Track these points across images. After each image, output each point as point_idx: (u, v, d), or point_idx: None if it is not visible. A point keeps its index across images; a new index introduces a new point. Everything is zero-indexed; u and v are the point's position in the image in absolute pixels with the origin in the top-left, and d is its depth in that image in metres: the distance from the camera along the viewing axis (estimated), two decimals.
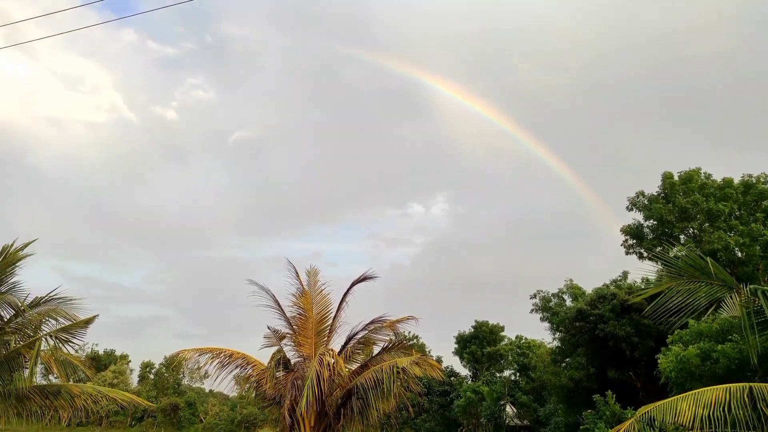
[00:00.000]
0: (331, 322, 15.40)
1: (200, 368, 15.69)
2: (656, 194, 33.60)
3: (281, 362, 14.43)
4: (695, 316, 12.12)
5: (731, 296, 9.15)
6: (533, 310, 40.97)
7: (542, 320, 39.97)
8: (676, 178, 33.17)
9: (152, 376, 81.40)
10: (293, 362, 14.84)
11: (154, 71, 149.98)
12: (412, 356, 13.96)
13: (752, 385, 8.45)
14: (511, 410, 46.09)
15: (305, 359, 14.61)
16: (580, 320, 31.76)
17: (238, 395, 58.06)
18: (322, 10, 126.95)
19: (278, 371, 14.36)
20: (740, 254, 30.22)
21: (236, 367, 14.50)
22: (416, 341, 55.52)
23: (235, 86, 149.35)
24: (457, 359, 56.11)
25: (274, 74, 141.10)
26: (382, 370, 12.90)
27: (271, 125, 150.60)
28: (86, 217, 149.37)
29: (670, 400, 9.00)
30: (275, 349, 14.53)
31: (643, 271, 49.83)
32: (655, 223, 33.46)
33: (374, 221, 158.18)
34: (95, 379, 62.81)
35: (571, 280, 40.49)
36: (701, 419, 8.22)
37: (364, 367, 14.60)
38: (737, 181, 32.38)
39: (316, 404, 12.91)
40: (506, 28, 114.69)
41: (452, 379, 53.63)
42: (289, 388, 13.39)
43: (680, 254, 21.96)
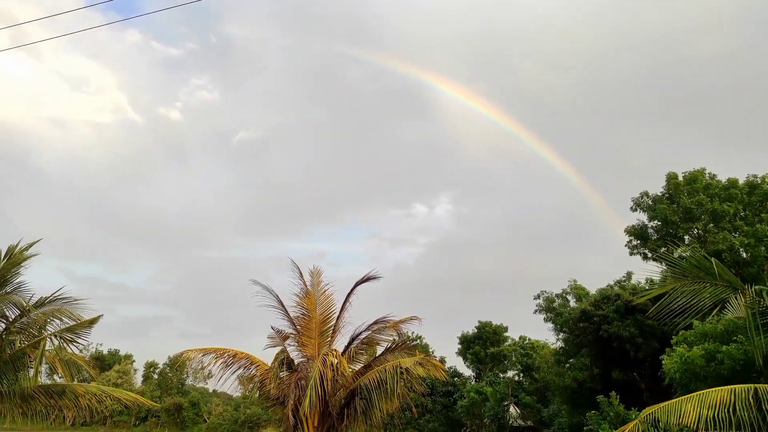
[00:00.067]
0: (334, 322, 15.42)
1: (204, 368, 15.71)
2: (660, 195, 33.51)
3: (285, 362, 14.45)
4: (700, 316, 12.07)
5: (736, 297, 9.13)
6: (537, 310, 40.97)
7: (546, 321, 39.96)
8: (680, 178, 33.08)
9: (156, 376, 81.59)
10: (297, 362, 14.86)
11: (158, 72, 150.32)
12: (415, 357, 13.96)
13: (757, 386, 8.42)
14: (514, 411, 46.01)
15: (309, 359, 14.62)
16: (584, 321, 31.69)
17: (241, 395, 58.13)
18: (323, 10, 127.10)
19: (282, 371, 14.38)
20: (745, 255, 30.11)
21: (240, 367, 14.52)
22: (419, 342, 55.48)
23: (238, 87, 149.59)
24: (460, 360, 56.11)
25: (276, 74, 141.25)
26: (385, 370, 12.91)
27: (274, 125, 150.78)
28: (90, 217, 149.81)
29: (674, 401, 8.97)
30: (279, 349, 14.55)
31: (647, 271, 49.88)
32: (659, 223, 33.37)
33: (377, 221, 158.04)
34: (99, 379, 62.98)
35: (574, 280, 40.47)
36: (706, 420, 8.19)
37: (367, 367, 14.60)
38: (742, 181, 32.27)
39: (319, 404, 12.92)
40: (507, 27, 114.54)
41: (455, 379, 53.57)
42: (292, 388, 13.41)
43: (685, 255, 21.86)
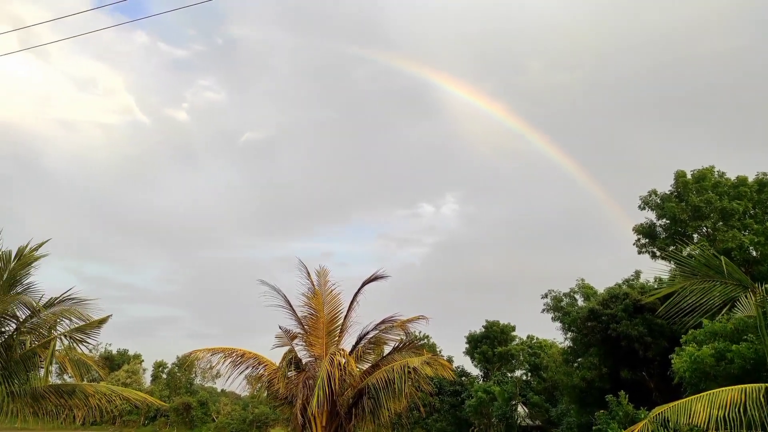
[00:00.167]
0: (341, 322, 15.44)
1: (212, 368, 15.79)
2: (669, 193, 33.31)
3: (293, 362, 14.48)
4: (709, 315, 12.02)
5: (746, 296, 9.06)
6: (545, 309, 40.85)
7: (554, 320, 39.85)
8: (689, 176, 32.87)
9: (165, 375, 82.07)
10: (304, 362, 14.88)
11: (165, 73, 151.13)
12: (423, 356, 13.94)
13: None
14: (522, 410, 45.92)
15: (316, 359, 14.65)
16: (592, 320, 31.57)
17: (249, 395, 58.33)
18: (329, 10, 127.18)
19: (290, 371, 14.41)
20: (755, 253, 29.87)
21: (248, 366, 14.57)
22: (427, 341, 55.44)
23: (245, 87, 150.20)
24: (468, 359, 56.04)
25: (283, 75, 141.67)
26: (393, 369, 12.91)
27: (280, 126, 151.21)
28: (98, 217, 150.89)
29: (684, 400, 8.92)
30: (287, 348, 14.58)
31: (655, 270, 49.58)
32: (667, 222, 33.17)
33: (384, 221, 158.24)
34: (109, 378, 63.42)
35: (582, 279, 40.34)
36: (716, 420, 8.13)
37: (375, 366, 14.62)
38: (751, 179, 32.01)
39: (327, 404, 12.94)
40: (512, 27, 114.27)
41: (463, 379, 53.52)
42: (300, 387, 13.44)
43: (694, 253, 21.74)
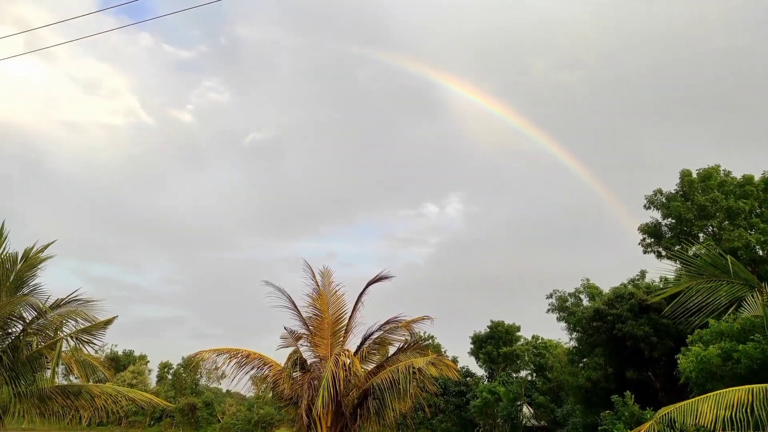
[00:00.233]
0: (346, 322, 15.44)
1: (218, 369, 15.84)
2: (674, 192, 33.15)
3: (298, 363, 14.50)
4: (715, 315, 11.94)
5: (753, 295, 9.02)
6: (549, 309, 40.69)
7: (559, 320, 39.67)
8: (694, 175, 32.70)
9: (170, 376, 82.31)
10: (310, 363, 14.90)
11: (169, 74, 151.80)
12: (427, 356, 13.94)
13: None
14: (527, 411, 45.79)
15: (321, 360, 14.66)
16: (597, 320, 31.45)
17: (255, 395, 58.46)
18: (334, 10, 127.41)
19: (295, 371, 14.44)
20: (761, 252, 29.67)
21: (253, 367, 14.60)
22: (432, 341, 55.41)
23: (249, 88, 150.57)
24: (472, 359, 55.86)
25: (287, 75, 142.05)
26: (398, 370, 12.91)
27: (285, 126, 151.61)
28: (103, 218, 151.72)
29: (690, 401, 8.87)
30: (292, 349, 14.61)
31: (661, 270, 49.28)
32: (673, 221, 33.01)
33: (388, 221, 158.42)
34: (114, 379, 63.66)
35: (587, 279, 40.16)
36: (723, 421, 8.09)
37: (380, 367, 14.61)
38: (758, 178, 31.83)
39: (332, 404, 12.95)
40: (517, 26, 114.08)
41: (468, 379, 53.40)
42: (305, 388, 13.46)
43: (700, 253, 21.63)
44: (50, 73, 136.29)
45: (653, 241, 34.00)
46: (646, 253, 34.32)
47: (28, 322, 11.99)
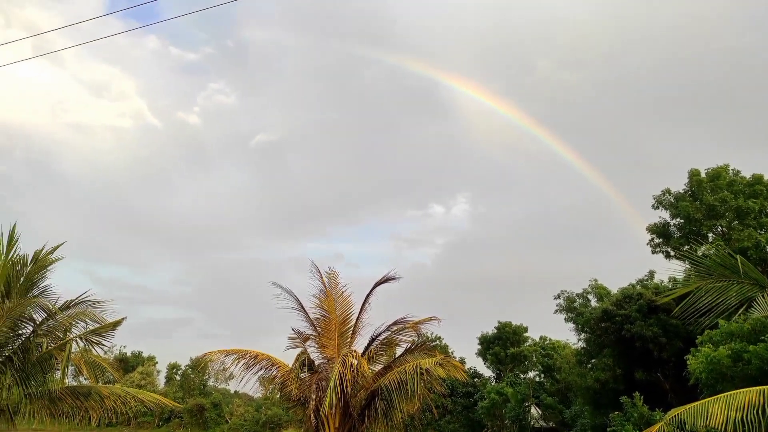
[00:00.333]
0: (353, 323, 15.46)
1: (226, 369, 15.93)
2: (683, 192, 32.95)
3: (305, 363, 14.53)
4: (725, 316, 11.85)
5: (763, 295, 8.95)
6: (557, 310, 40.55)
7: (567, 321, 39.53)
8: (703, 175, 32.49)
9: (178, 377, 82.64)
10: (317, 363, 14.92)
11: (176, 77, 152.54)
12: (435, 357, 13.92)
13: None
14: (536, 412, 45.60)
15: (329, 360, 14.68)
16: (605, 321, 31.29)
17: (263, 396, 58.58)
18: (340, 11, 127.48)
19: (303, 372, 14.47)
20: None
21: (261, 368, 14.64)
22: (439, 342, 55.26)
23: (256, 90, 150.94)
24: (480, 360, 55.72)
25: (293, 77, 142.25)
26: (405, 371, 12.90)
27: (291, 127, 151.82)
28: (110, 220, 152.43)
29: (700, 402, 8.80)
30: (299, 350, 14.63)
31: (670, 270, 48.92)
32: (682, 221, 32.79)
33: (395, 222, 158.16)
34: (123, 380, 64.01)
35: (595, 279, 39.98)
36: (734, 422, 8.02)
37: (387, 368, 14.61)
38: (767, 177, 31.58)
39: (340, 405, 12.96)
40: (522, 25, 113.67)
41: (476, 380, 53.28)
42: (313, 389, 13.49)
43: (709, 253, 21.47)
44: (58, 76, 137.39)
45: (662, 241, 33.80)
46: (654, 253, 34.15)
47: (38, 323, 12.09)
